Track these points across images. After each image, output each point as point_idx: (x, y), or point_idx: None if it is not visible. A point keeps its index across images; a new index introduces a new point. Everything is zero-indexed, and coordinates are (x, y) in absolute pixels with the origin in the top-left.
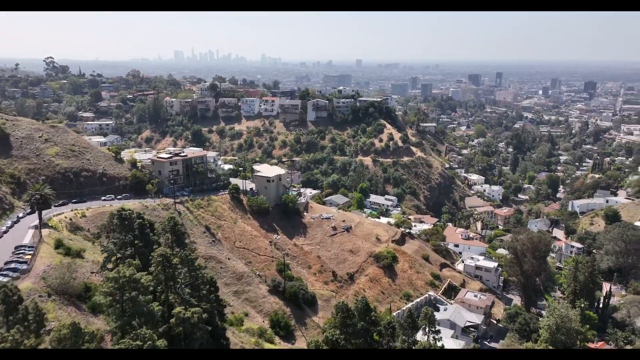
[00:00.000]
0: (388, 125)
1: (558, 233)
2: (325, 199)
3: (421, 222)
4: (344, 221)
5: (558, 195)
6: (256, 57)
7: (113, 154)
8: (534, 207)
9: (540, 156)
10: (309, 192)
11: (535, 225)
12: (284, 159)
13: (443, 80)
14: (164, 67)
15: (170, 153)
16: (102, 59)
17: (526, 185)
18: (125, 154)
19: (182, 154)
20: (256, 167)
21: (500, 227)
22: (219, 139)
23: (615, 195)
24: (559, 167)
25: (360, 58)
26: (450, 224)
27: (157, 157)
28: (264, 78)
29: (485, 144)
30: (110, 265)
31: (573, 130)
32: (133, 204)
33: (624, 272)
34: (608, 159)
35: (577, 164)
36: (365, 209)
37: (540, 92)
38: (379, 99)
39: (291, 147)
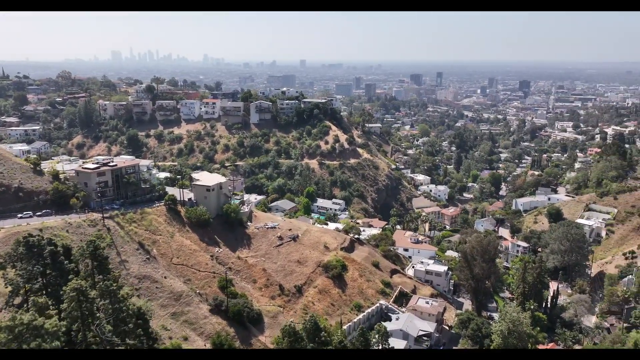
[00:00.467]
0: (333, 127)
1: (504, 232)
2: (271, 204)
3: (370, 226)
4: (290, 230)
5: (501, 192)
6: (198, 57)
7: (31, 165)
8: (479, 206)
9: (482, 154)
10: (254, 198)
11: (482, 225)
12: (226, 164)
13: (386, 80)
14: (101, 68)
15: (97, 163)
16: (33, 59)
17: (470, 184)
18: (46, 165)
19: (111, 164)
20: (195, 175)
21: (448, 227)
22: (157, 144)
23: (556, 192)
24: (500, 165)
25: (304, 58)
26: (398, 226)
27: (83, 168)
28: (206, 79)
29: (429, 143)
30: (17, 301)
31: (511, 128)
32: (54, 222)
33: (568, 270)
34: (545, 155)
35: (517, 161)
36: (312, 214)
37: (479, 91)
38: (323, 100)
39: (234, 151)
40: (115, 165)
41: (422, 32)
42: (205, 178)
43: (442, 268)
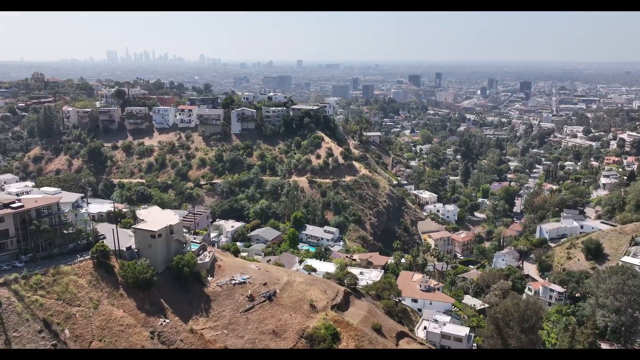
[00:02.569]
0: (326, 138)
1: (530, 268)
2: (251, 233)
3: (369, 263)
4: (265, 284)
5: (515, 209)
6: (195, 57)
7: None
8: (495, 230)
9: (490, 164)
10: (231, 225)
11: (503, 259)
12: (202, 182)
13: (383, 80)
14: (96, 68)
15: None
16: (28, 59)
17: (481, 199)
18: None
19: (14, 204)
20: (141, 212)
21: (459, 255)
22: (125, 157)
23: (584, 214)
24: (510, 176)
25: (301, 58)
26: (403, 259)
27: None
28: (201, 79)
29: (433, 151)
30: None
31: (518, 133)
32: None
33: (621, 329)
34: (557, 164)
35: (528, 170)
36: (301, 244)
37: (479, 92)
38: (315, 107)
39: (211, 167)
40: (22, 206)
41: (419, 32)
42: (154, 217)
43: (463, 331)
